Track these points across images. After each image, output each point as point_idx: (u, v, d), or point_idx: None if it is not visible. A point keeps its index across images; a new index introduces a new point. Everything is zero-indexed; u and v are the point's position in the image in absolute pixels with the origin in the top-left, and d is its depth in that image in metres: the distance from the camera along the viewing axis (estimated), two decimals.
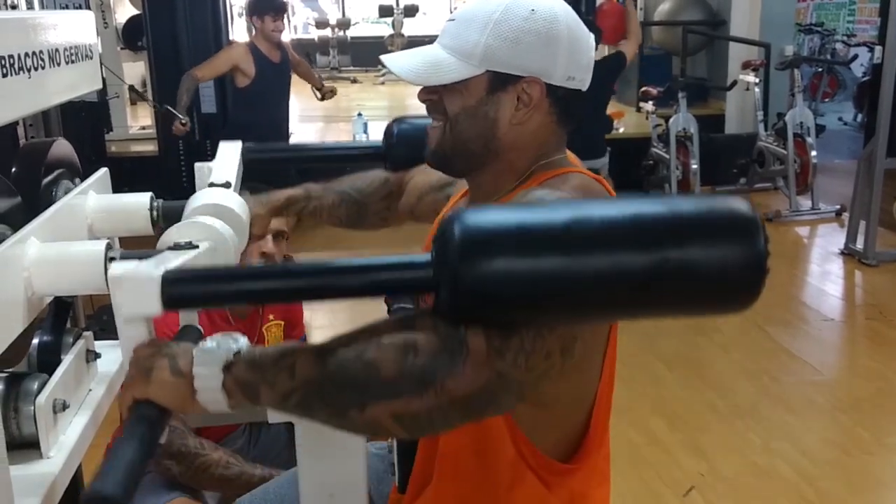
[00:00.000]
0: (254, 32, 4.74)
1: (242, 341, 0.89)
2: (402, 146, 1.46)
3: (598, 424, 1.13)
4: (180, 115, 4.47)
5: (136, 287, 0.80)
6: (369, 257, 0.87)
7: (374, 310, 0.98)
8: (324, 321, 3.81)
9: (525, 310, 0.83)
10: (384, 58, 1.15)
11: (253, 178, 1.44)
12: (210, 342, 0.88)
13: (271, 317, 2.05)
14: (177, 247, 0.94)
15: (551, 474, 1.11)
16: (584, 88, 1.13)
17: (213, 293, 0.83)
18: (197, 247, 0.95)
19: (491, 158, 1.13)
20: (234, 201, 1.15)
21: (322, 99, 5.24)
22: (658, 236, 0.81)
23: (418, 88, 1.15)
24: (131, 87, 5.49)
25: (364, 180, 1.54)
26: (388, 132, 1.49)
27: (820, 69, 9.27)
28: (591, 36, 1.13)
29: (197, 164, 1.32)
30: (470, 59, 1.08)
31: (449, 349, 0.84)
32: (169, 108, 4.47)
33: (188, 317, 1.05)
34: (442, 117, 1.13)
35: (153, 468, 1.79)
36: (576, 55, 1.10)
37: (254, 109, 4.60)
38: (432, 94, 1.13)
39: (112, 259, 0.97)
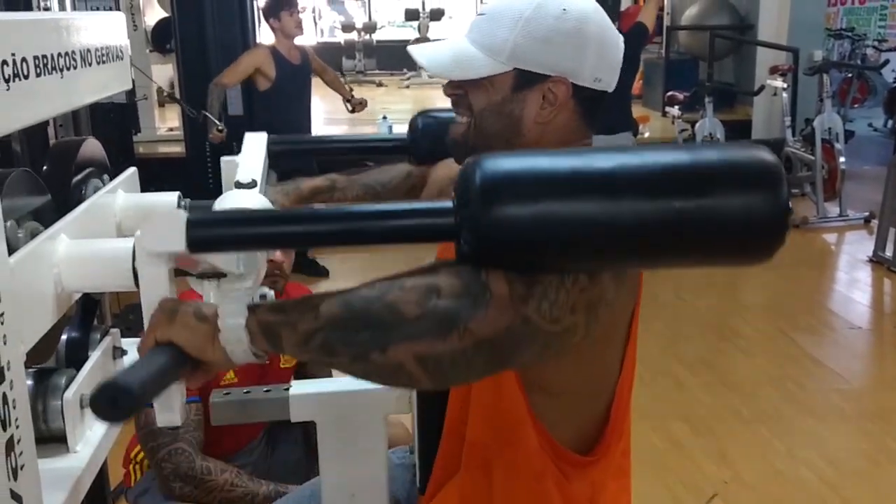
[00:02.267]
0: (274, 35, 4.78)
1: (269, 294, 0.95)
2: (426, 139, 1.46)
3: (617, 420, 1.14)
4: (218, 122, 4.52)
5: (163, 226, 0.82)
6: (391, 204, 0.89)
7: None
8: None
9: (546, 252, 0.83)
10: (412, 48, 1.15)
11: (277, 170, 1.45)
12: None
13: None
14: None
15: (570, 466, 1.11)
16: (611, 90, 1.12)
17: (236, 236, 0.85)
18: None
19: None
20: (259, 204, 1.16)
21: (353, 111, 5.28)
22: (675, 184, 0.81)
23: (442, 91, 1.15)
24: (161, 90, 5.52)
25: (387, 174, 1.56)
26: (412, 125, 1.50)
27: (850, 74, 9.16)
28: (620, 37, 1.13)
29: (224, 159, 1.34)
30: (498, 55, 1.07)
31: (472, 293, 0.84)
32: (207, 114, 4.51)
33: None
34: (467, 112, 1.13)
35: (160, 489, 1.80)
36: (605, 56, 1.09)
37: (274, 112, 4.63)
38: (458, 89, 1.13)
39: None
